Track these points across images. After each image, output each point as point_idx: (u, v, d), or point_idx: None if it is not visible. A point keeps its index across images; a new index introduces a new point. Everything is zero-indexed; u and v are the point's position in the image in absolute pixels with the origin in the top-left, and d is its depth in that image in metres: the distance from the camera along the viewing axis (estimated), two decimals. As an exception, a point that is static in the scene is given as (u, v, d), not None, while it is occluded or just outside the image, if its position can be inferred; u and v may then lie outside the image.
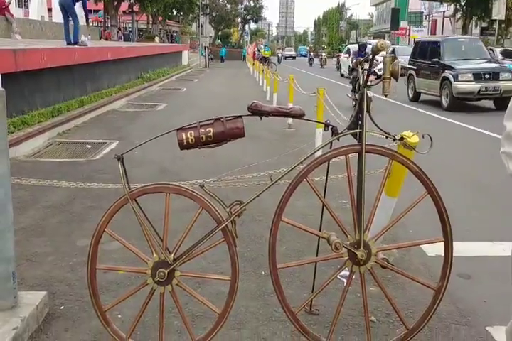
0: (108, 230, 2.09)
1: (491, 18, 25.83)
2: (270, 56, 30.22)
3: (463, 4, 30.84)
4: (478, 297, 2.83)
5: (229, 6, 62.11)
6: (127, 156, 2.06)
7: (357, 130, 2.10)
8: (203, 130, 2.02)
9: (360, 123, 2.09)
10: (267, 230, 2.16)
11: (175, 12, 43.56)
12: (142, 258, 2.12)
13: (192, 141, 2.02)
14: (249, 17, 67.34)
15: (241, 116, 2.06)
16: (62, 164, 5.75)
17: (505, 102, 1.62)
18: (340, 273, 2.36)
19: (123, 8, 35.61)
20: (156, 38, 34.82)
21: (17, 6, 24.96)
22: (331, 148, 2.13)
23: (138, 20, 41.58)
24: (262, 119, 2.15)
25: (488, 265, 3.22)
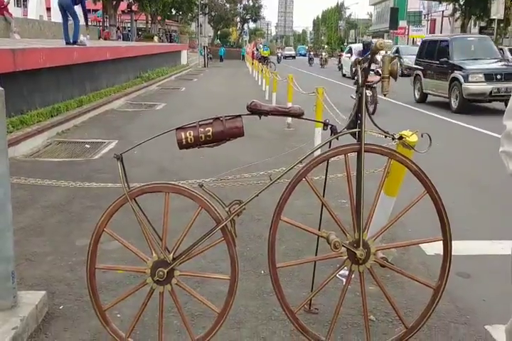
0: (107, 230, 2.09)
1: (490, 18, 25.82)
2: (269, 55, 30.23)
3: (462, 3, 30.85)
4: (477, 296, 2.84)
5: (228, 5, 62.10)
6: (126, 156, 2.06)
7: (356, 129, 2.10)
8: (202, 129, 2.02)
9: (359, 122, 2.10)
10: (267, 229, 2.16)
11: (174, 11, 43.51)
12: (141, 258, 2.12)
13: (191, 140, 2.02)
14: (248, 16, 67.35)
15: (240, 116, 2.06)
16: (61, 164, 5.75)
17: None
18: (340, 272, 2.36)
19: (122, 8, 35.56)
20: (155, 38, 34.79)
21: (16, 6, 24.96)
22: (330, 147, 2.14)
23: (137, 20, 41.56)
24: (261, 119, 2.15)
25: (487, 264, 3.23)
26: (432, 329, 2.46)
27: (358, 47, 21.70)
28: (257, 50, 31.08)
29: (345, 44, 50.11)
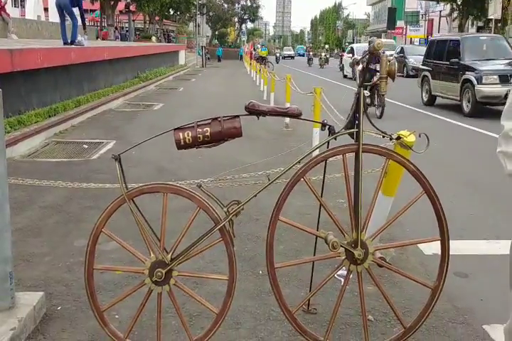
0: (105, 230, 2.09)
1: (487, 17, 25.87)
2: (267, 55, 30.24)
3: (459, 3, 30.90)
4: (475, 295, 2.84)
5: (226, 5, 62.10)
6: (124, 156, 2.06)
7: (354, 129, 2.10)
8: (200, 130, 2.02)
9: (356, 122, 2.10)
10: (265, 229, 2.16)
11: (172, 12, 43.50)
12: (139, 259, 2.11)
13: (189, 140, 2.02)
14: (246, 16, 67.33)
15: (238, 116, 2.06)
16: (59, 164, 5.74)
17: None
18: (338, 273, 2.36)
19: (120, 8, 35.55)
20: (152, 38, 34.76)
21: (13, 6, 24.93)
22: (328, 147, 2.14)
23: (135, 20, 41.52)
24: (259, 119, 2.15)
25: (485, 263, 3.23)
26: (430, 329, 2.46)
27: (360, 47, 21.58)
28: (254, 50, 31.09)
29: (347, 44, 49.85)
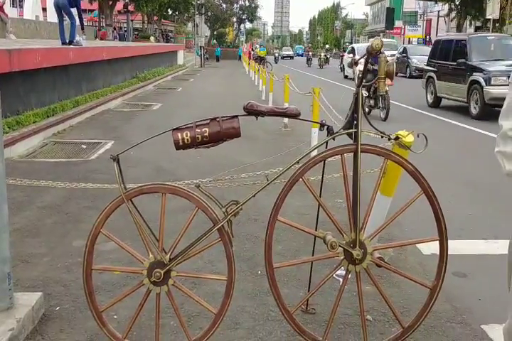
0: (104, 231, 2.09)
1: (485, 17, 25.91)
2: (266, 56, 30.23)
3: (457, 3, 30.96)
4: (473, 295, 2.84)
5: (224, 5, 62.11)
6: (123, 156, 2.06)
7: (352, 130, 2.10)
8: (198, 130, 2.02)
9: (355, 123, 2.10)
10: (263, 230, 2.16)
11: (170, 12, 43.48)
12: (138, 259, 2.11)
13: (188, 141, 2.02)
14: (244, 17, 67.38)
15: (237, 116, 2.06)
16: (58, 164, 5.74)
17: None
18: (336, 273, 2.36)
19: (118, 8, 35.51)
20: (151, 38, 34.74)
21: (11, 6, 24.87)
22: (326, 147, 2.14)
23: (133, 20, 41.45)
24: (257, 119, 2.15)
25: (484, 263, 3.24)
26: (429, 328, 2.46)
27: (361, 46, 21.40)
28: (252, 50, 31.10)
29: (347, 44, 49.67)
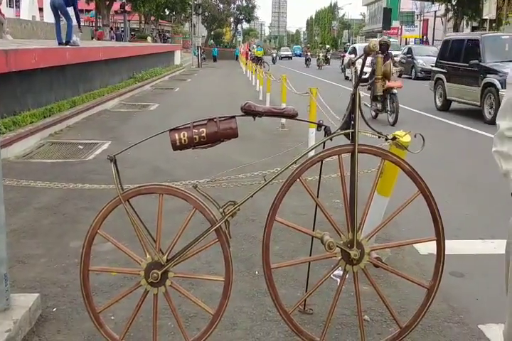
0: (101, 231, 2.08)
1: (482, 18, 25.98)
2: (263, 56, 30.25)
3: (454, 4, 31.03)
4: (470, 295, 2.85)
5: (221, 5, 62.08)
6: (120, 157, 2.05)
7: (349, 130, 2.11)
8: (196, 130, 2.01)
9: (352, 123, 2.10)
10: (261, 230, 2.16)
11: (167, 12, 43.42)
12: (135, 260, 2.11)
13: (185, 141, 2.01)
14: (241, 17, 67.34)
15: (234, 117, 2.06)
16: (55, 165, 5.72)
17: None
18: (334, 273, 2.36)
19: (115, 8, 35.42)
20: (148, 38, 34.69)
21: (8, 6, 24.84)
22: (324, 148, 2.14)
23: (130, 20, 41.37)
24: (255, 120, 2.15)
25: (481, 263, 3.24)
26: (426, 328, 2.47)
27: (362, 47, 21.40)
28: (249, 50, 31.10)
29: (348, 45, 49.47)
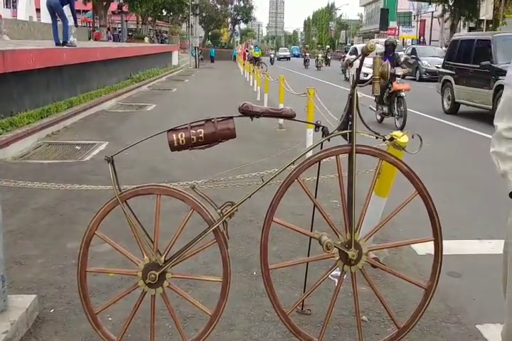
0: (98, 232, 2.08)
1: (479, 18, 26.07)
2: (261, 56, 30.25)
3: (451, 4, 31.13)
4: (468, 295, 2.86)
5: (219, 6, 62.07)
6: (117, 157, 2.05)
7: (347, 130, 2.11)
8: (193, 131, 2.01)
9: (350, 123, 2.10)
10: (259, 230, 2.15)
11: (165, 12, 43.43)
12: (133, 261, 2.10)
13: (183, 142, 2.01)
14: (239, 17, 67.35)
15: (232, 117, 2.06)
16: (52, 165, 5.71)
17: None
18: (332, 273, 2.36)
19: (112, 9, 35.42)
20: (145, 39, 34.66)
21: (5, 7, 24.78)
22: (321, 148, 2.14)
23: (127, 21, 41.35)
24: (252, 120, 2.15)
25: (478, 263, 3.25)
26: (424, 328, 2.47)
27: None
28: (247, 51, 31.11)
29: (348, 45, 49.45)
